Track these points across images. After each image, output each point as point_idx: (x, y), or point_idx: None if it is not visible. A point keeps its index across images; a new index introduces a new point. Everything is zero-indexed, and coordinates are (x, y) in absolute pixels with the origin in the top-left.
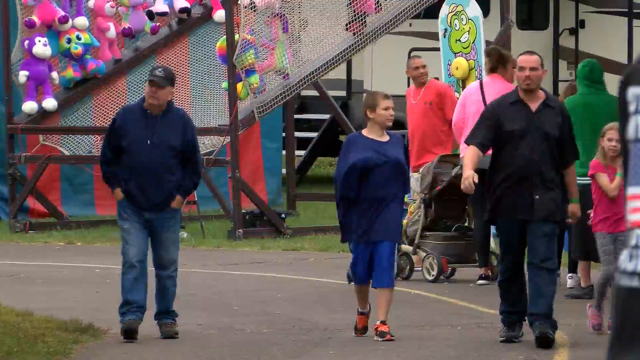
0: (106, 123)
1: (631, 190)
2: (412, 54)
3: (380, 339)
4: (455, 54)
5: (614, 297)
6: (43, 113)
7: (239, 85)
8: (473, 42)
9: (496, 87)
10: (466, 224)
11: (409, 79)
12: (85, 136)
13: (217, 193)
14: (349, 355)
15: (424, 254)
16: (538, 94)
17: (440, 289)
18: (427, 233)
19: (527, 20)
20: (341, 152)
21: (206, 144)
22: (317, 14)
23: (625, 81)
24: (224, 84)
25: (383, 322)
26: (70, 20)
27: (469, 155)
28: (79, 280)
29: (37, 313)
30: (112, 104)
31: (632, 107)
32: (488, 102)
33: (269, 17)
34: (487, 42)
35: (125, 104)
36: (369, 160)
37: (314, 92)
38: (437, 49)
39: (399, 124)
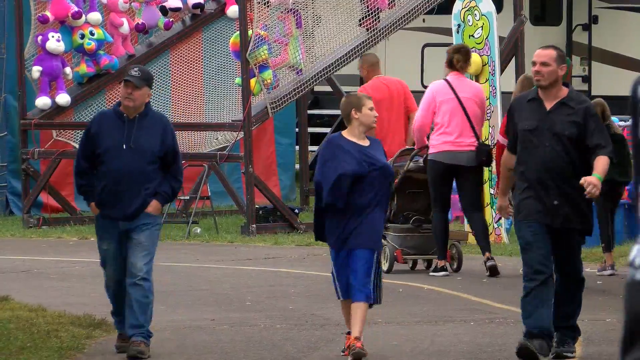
0: None
1: None
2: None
3: (350, 358)
4: None
5: (627, 291)
6: (56, 108)
7: (252, 81)
8: (486, 37)
9: (465, 82)
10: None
11: (422, 74)
12: None
13: (231, 188)
14: None
15: (384, 245)
16: (558, 92)
17: (453, 284)
18: (388, 225)
19: (540, 15)
20: (323, 155)
21: (219, 140)
22: (331, 10)
23: (637, 81)
24: (237, 80)
25: (357, 339)
26: (83, 15)
27: (502, 177)
28: (92, 275)
29: (50, 308)
30: None
31: None
32: (461, 97)
33: (282, 12)
34: (501, 38)
35: None
36: (357, 172)
37: (327, 88)
38: (451, 45)
39: None
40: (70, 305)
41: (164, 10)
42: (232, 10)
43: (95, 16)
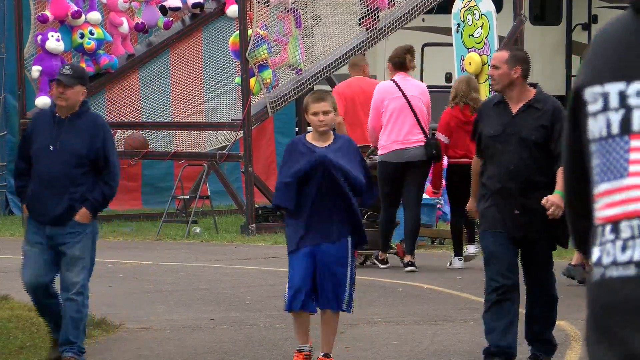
0: (119, 118)
1: (602, 187)
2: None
3: None
4: (468, 49)
5: (594, 289)
6: None
7: (252, 81)
8: (486, 37)
9: (411, 82)
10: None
11: (422, 74)
12: None
13: (230, 188)
14: (361, 350)
15: None
16: (522, 94)
17: (453, 283)
18: None
19: (540, 15)
20: (283, 157)
21: (219, 139)
22: (330, 9)
23: (582, 84)
24: (237, 79)
25: (327, 355)
26: (83, 15)
27: (472, 180)
28: (92, 275)
29: None
30: (124, 99)
31: (592, 107)
32: (408, 96)
33: (282, 12)
34: (500, 38)
35: (138, 99)
36: (300, 171)
37: (327, 87)
38: (450, 44)
39: None
40: None
41: (164, 10)
42: (232, 9)
43: (94, 15)
